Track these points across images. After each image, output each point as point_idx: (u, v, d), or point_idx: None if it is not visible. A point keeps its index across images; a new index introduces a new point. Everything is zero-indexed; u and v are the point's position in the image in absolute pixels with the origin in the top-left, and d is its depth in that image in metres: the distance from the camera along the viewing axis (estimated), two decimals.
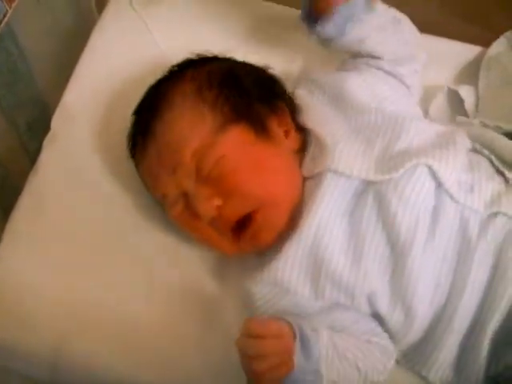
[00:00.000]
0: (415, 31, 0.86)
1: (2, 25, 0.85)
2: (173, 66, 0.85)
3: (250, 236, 0.75)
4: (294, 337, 0.66)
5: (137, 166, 0.82)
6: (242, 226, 0.75)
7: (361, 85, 0.81)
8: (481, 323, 0.71)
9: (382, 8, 0.83)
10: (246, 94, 0.79)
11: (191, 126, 0.75)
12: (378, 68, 0.83)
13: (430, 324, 0.73)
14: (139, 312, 0.80)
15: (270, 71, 0.86)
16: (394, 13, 0.84)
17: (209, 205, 0.73)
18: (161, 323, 0.79)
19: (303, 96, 0.84)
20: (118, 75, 0.94)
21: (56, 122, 0.92)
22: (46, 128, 0.92)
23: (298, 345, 0.66)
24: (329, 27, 0.80)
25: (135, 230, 0.84)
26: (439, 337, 0.72)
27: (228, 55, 0.86)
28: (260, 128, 0.77)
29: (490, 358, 0.72)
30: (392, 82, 0.83)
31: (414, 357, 0.75)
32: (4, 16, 0.85)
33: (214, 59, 0.85)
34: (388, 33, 0.83)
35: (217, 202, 0.73)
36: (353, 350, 0.71)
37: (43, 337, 0.78)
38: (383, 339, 0.75)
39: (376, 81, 0.82)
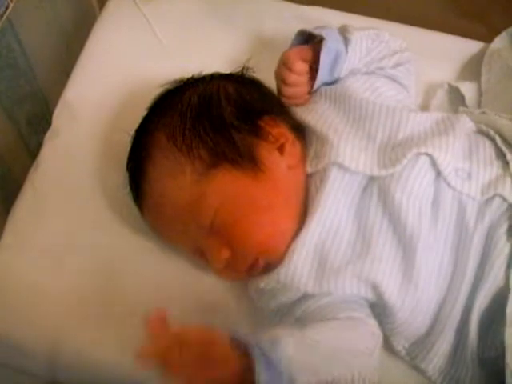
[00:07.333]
0: (396, 38, 0.85)
1: (3, 19, 0.85)
2: (154, 99, 0.81)
3: (260, 274, 0.75)
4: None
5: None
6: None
7: (359, 79, 0.81)
8: (471, 305, 0.71)
9: (358, 35, 0.81)
10: (224, 127, 0.75)
11: (173, 182, 0.74)
12: (376, 74, 0.84)
13: (433, 313, 0.73)
14: (139, 309, 0.79)
15: (250, 73, 0.83)
16: (370, 31, 0.83)
17: (219, 258, 0.74)
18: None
19: None
20: (119, 71, 0.94)
21: (57, 117, 0.92)
22: (46, 124, 0.92)
23: (260, 370, 0.58)
24: (322, 78, 0.79)
25: (136, 225, 0.84)
26: (442, 325, 0.72)
27: (229, 52, 0.85)
28: (247, 162, 0.73)
29: (481, 343, 0.72)
30: (390, 84, 0.84)
31: (416, 350, 0.75)
32: (6, 9, 0.85)
33: (186, 86, 0.81)
34: (375, 52, 0.83)
35: (225, 254, 0.73)
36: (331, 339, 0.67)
37: (41, 332, 0.78)
38: (372, 326, 0.73)
39: (374, 80, 0.82)
